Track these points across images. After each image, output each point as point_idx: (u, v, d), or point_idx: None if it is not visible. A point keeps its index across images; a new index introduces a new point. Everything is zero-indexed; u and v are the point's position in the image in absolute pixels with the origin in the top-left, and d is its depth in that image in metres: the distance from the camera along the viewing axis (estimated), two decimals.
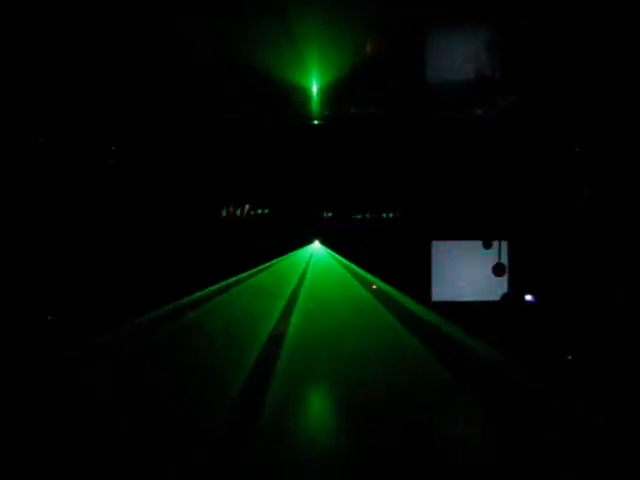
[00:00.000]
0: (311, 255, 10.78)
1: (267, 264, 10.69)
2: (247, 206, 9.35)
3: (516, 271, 9.20)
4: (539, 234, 8.73)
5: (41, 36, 7.06)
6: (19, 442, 4.34)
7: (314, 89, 8.96)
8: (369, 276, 10.37)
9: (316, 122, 9.39)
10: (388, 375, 6.60)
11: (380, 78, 8.91)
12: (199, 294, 9.16)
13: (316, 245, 10.55)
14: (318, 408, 5.98)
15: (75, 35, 7.08)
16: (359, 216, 9.93)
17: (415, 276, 9.79)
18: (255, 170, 9.12)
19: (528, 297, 8.76)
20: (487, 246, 9.25)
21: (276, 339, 7.93)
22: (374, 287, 10.22)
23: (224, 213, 9.05)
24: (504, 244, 9.18)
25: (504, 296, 9.07)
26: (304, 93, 8.89)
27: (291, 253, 10.71)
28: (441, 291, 9.76)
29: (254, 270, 10.41)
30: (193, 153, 8.51)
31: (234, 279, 9.97)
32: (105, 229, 7.79)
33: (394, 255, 9.74)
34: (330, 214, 9.84)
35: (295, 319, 9.05)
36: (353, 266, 10.56)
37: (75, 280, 7.37)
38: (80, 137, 7.64)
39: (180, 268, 8.38)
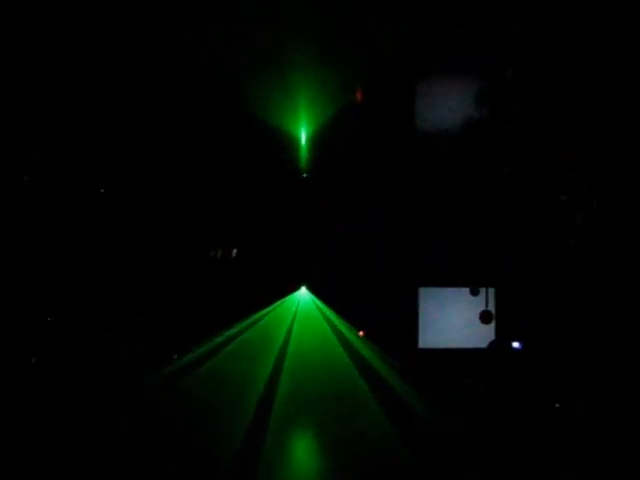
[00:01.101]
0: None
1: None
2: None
3: (503, 318, 9.16)
4: (526, 281, 8.75)
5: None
6: None
7: (303, 137, 9.15)
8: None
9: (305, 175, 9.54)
10: None
11: (369, 125, 9.15)
12: None
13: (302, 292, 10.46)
14: None
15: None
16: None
17: (402, 323, 9.74)
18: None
19: (515, 344, 8.68)
20: (474, 293, 9.25)
21: None
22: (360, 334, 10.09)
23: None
24: (491, 291, 9.18)
25: (491, 343, 9.00)
26: (294, 141, 9.06)
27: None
28: (428, 338, 9.67)
29: None
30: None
31: None
32: None
33: (381, 301, 9.69)
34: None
35: None
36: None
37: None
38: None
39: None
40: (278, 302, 10.16)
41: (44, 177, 7.45)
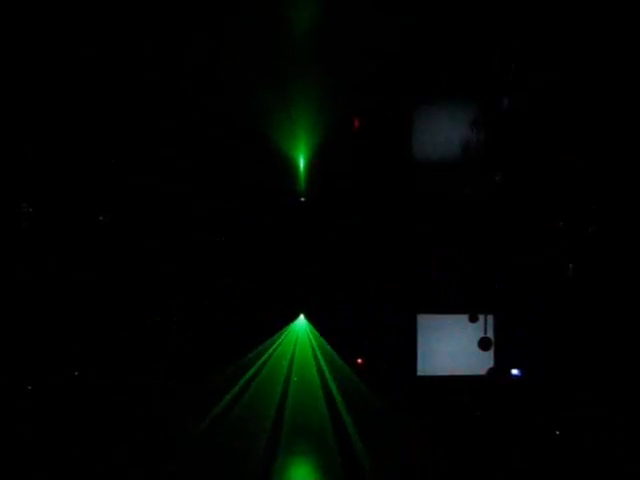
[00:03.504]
0: None
1: None
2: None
3: (502, 345, 9.13)
4: (525, 308, 8.76)
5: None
6: None
7: (301, 161, 9.23)
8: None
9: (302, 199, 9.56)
10: None
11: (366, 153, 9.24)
12: None
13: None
14: None
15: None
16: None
17: (400, 351, 9.70)
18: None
19: (514, 371, 8.65)
20: (473, 320, 9.23)
21: None
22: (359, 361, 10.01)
23: None
24: (490, 318, 9.17)
25: (490, 370, 8.95)
26: (292, 163, 9.13)
27: None
28: (426, 366, 9.62)
29: None
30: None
31: None
32: None
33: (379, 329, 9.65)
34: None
35: None
36: None
37: None
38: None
39: None
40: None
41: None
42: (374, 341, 9.83)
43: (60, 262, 7.20)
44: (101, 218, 7.72)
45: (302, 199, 9.53)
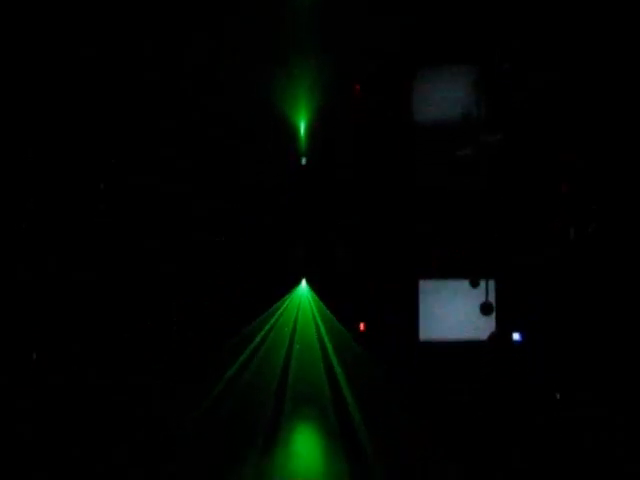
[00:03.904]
0: None
1: None
2: None
3: (503, 310, 9.16)
4: (527, 272, 8.74)
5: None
6: None
7: (302, 126, 9.09)
8: None
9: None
10: None
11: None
12: None
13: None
14: None
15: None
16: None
17: (402, 316, 9.74)
18: None
19: (516, 336, 8.69)
20: (474, 285, 9.23)
21: None
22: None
23: None
24: (491, 283, 9.17)
25: (491, 335, 9.00)
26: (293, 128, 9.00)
27: None
28: (429, 331, 9.68)
29: None
30: None
31: None
32: None
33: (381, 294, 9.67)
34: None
35: None
36: None
37: None
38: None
39: None
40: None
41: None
42: (375, 306, 9.89)
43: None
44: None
45: (303, 161, 9.41)
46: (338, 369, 9.05)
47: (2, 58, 6.85)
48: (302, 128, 9.12)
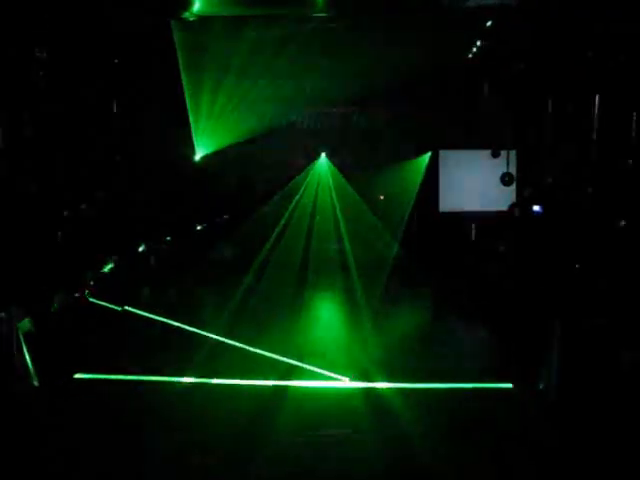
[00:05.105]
0: None
1: None
2: None
3: (524, 181, 9.03)
4: (549, 143, 8.46)
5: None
6: None
7: None
8: None
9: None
10: None
11: None
12: None
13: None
14: None
15: None
16: None
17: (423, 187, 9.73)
18: None
19: (536, 207, 8.59)
20: (495, 155, 9.01)
21: None
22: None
23: None
24: (512, 153, 8.94)
25: (511, 206, 8.95)
26: None
27: None
28: (449, 201, 9.68)
29: None
30: None
31: None
32: None
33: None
34: None
35: None
36: None
37: None
38: None
39: None
40: None
41: None
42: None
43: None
44: None
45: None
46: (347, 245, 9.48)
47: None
48: None
